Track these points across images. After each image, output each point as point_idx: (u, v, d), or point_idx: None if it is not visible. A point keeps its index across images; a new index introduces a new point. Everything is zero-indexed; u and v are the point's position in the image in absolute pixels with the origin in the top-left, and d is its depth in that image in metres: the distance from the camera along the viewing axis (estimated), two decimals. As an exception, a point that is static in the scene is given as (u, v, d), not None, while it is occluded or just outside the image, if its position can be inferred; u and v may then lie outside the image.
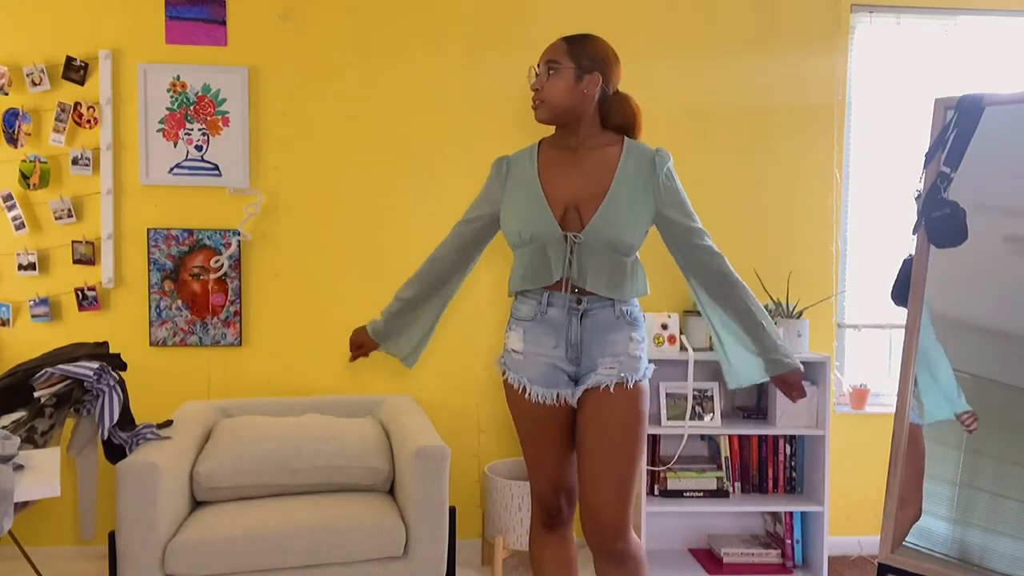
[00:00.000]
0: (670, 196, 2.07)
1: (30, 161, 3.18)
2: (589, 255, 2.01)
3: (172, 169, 3.26)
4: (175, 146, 3.26)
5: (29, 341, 3.18)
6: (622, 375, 2.03)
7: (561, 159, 2.09)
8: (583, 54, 2.04)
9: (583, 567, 2.67)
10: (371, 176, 3.37)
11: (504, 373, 2.16)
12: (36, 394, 2.41)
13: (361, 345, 2.42)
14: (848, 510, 3.53)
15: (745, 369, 2.15)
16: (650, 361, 2.13)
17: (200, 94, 3.26)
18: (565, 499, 2.18)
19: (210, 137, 3.27)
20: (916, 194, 2.38)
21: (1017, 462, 2.15)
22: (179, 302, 3.28)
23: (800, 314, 3.27)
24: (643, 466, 3.15)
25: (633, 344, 2.06)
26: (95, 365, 2.51)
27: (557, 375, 2.07)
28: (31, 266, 3.20)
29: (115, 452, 2.52)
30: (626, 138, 2.10)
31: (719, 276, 2.09)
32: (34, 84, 3.16)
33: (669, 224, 2.08)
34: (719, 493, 3.26)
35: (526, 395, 2.09)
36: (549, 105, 2.05)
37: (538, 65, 2.09)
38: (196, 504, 2.75)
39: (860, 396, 3.50)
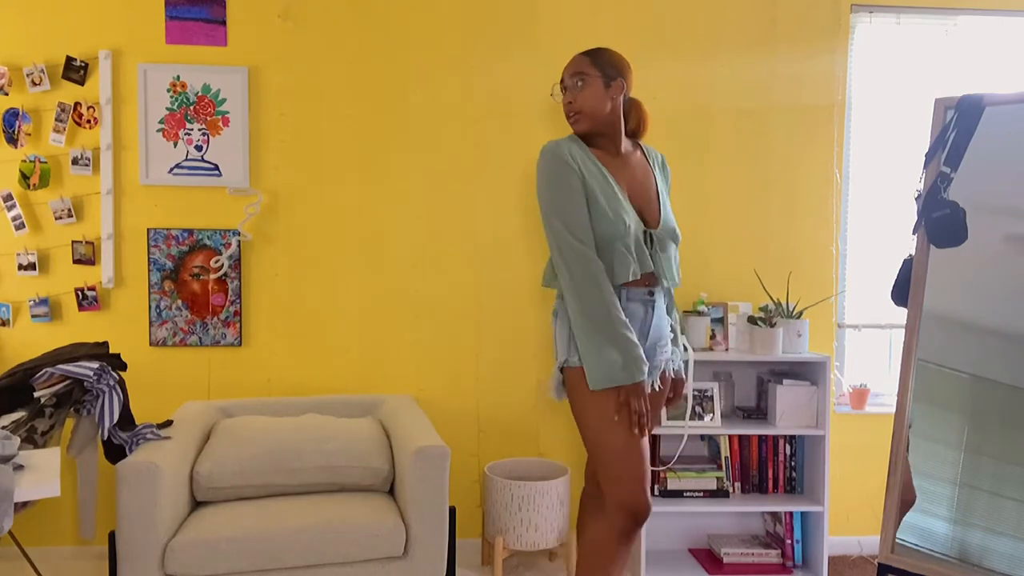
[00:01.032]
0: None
1: (30, 161, 3.18)
2: (662, 248, 2.21)
3: (172, 169, 3.26)
4: (175, 146, 3.26)
5: (29, 341, 3.18)
6: (672, 362, 2.33)
7: (618, 162, 2.22)
8: (605, 63, 2.18)
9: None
10: (371, 176, 3.37)
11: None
12: (36, 394, 2.41)
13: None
14: (848, 510, 3.53)
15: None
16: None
17: (200, 94, 3.26)
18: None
19: (210, 137, 3.27)
20: (916, 194, 2.38)
21: (1017, 462, 2.15)
22: (179, 302, 3.28)
23: (800, 314, 3.27)
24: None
25: (670, 331, 2.32)
26: (95, 365, 2.51)
27: None
28: (31, 266, 3.20)
29: (115, 452, 2.52)
30: (640, 142, 2.32)
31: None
32: (34, 84, 3.16)
33: None
34: (719, 493, 3.26)
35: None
36: (586, 115, 2.17)
37: (562, 81, 2.21)
38: (196, 504, 2.75)
39: (860, 396, 3.50)
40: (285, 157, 3.33)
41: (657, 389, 2.29)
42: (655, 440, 3.29)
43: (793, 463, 3.33)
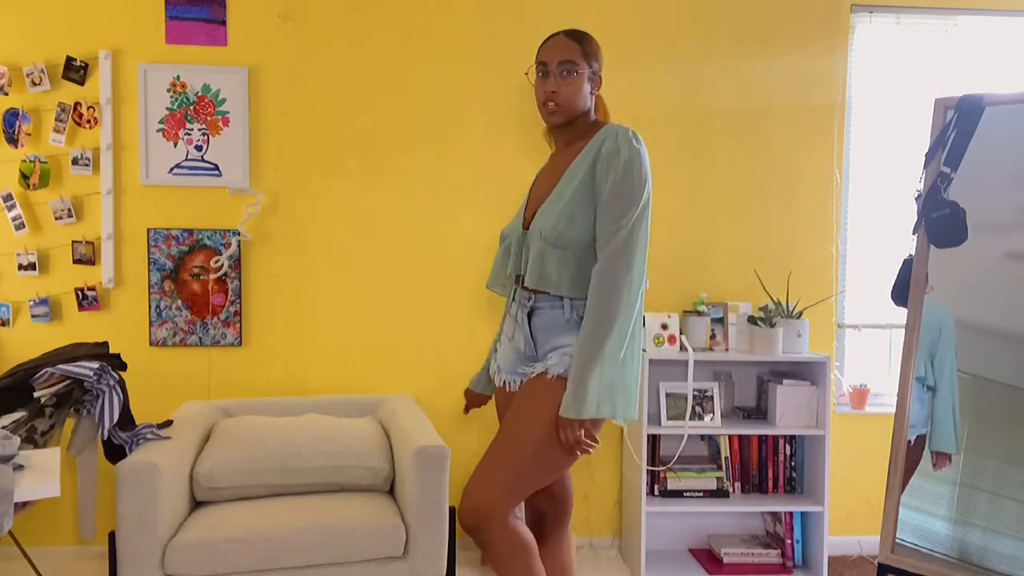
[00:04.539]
0: (600, 177, 1.92)
1: (30, 161, 3.18)
2: (531, 250, 2.01)
3: (172, 169, 3.26)
4: (175, 146, 3.26)
5: (29, 341, 3.18)
6: (549, 367, 1.95)
7: (551, 160, 2.14)
8: (591, 56, 2.03)
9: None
10: (371, 176, 3.37)
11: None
12: (36, 394, 2.41)
13: (473, 401, 2.37)
14: (848, 510, 3.53)
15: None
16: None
17: (200, 94, 3.26)
18: (544, 498, 2.15)
19: (210, 137, 3.27)
20: (916, 194, 2.39)
21: (1017, 462, 2.15)
22: (179, 302, 3.28)
23: (800, 314, 3.27)
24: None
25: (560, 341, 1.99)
26: (95, 365, 2.51)
27: (519, 364, 2.09)
28: (31, 266, 3.20)
29: (115, 452, 2.52)
30: (607, 124, 2.04)
31: (595, 273, 1.91)
32: (34, 84, 3.16)
33: (597, 211, 1.93)
34: (719, 493, 3.26)
35: (497, 381, 2.16)
36: (565, 110, 1.99)
37: (544, 63, 2.01)
38: (196, 504, 2.75)
39: (860, 396, 3.50)
40: (285, 157, 3.33)
41: (508, 390, 2.11)
42: (655, 440, 3.29)
43: (793, 463, 3.33)
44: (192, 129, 3.26)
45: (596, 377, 1.84)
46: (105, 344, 2.78)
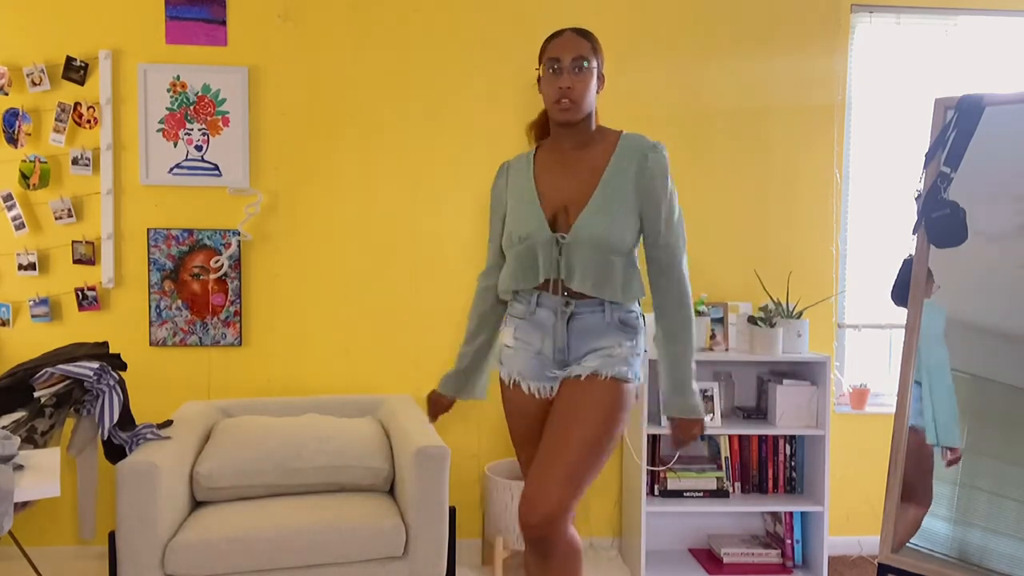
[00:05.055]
0: (652, 195, 2.00)
1: (30, 161, 3.18)
2: (576, 255, 1.98)
3: (172, 169, 3.26)
4: (175, 146, 3.26)
5: (29, 341, 3.18)
6: (598, 368, 1.98)
7: (557, 160, 2.09)
8: (599, 54, 2.06)
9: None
10: (371, 176, 3.37)
11: (500, 370, 2.18)
12: (36, 394, 2.41)
13: (438, 405, 2.29)
14: (848, 510, 3.53)
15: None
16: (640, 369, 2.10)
17: (200, 94, 3.26)
18: None
19: (210, 137, 3.27)
20: (916, 194, 2.38)
21: (1017, 462, 2.15)
22: (179, 302, 3.28)
23: (800, 314, 3.27)
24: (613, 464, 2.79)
25: (623, 349, 2.01)
26: (95, 365, 2.51)
27: (545, 369, 2.07)
28: (31, 266, 3.20)
29: (115, 452, 2.53)
30: (624, 132, 2.07)
31: (668, 290, 2.03)
32: (34, 84, 3.16)
33: (645, 223, 2.02)
34: (719, 493, 3.26)
35: (517, 389, 2.10)
36: (579, 106, 2.00)
37: (557, 58, 2.02)
38: (196, 504, 2.75)
39: (860, 396, 3.50)
40: (285, 157, 3.33)
41: (538, 396, 2.08)
42: (655, 440, 3.29)
43: (793, 463, 3.33)
44: (192, 129, 3.26)
45: (694, 379, 2.07)
46: (105, 344, 2.79)
